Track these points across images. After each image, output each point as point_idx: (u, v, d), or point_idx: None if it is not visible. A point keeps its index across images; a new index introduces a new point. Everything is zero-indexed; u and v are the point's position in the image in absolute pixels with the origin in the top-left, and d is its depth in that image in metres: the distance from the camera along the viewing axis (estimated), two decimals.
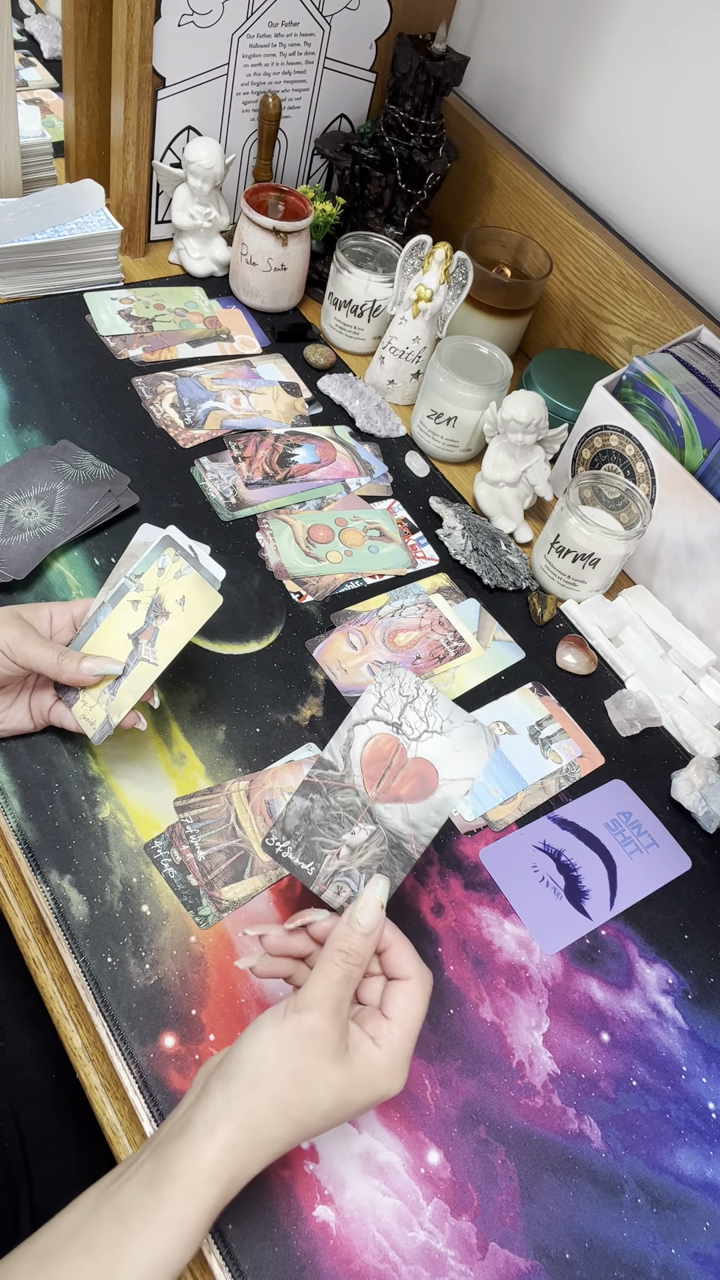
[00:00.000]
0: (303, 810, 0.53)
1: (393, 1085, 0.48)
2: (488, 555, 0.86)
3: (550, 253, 1.02)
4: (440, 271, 0.91)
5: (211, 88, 0.98)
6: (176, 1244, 0.43)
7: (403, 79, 0.96)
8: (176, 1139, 0.45)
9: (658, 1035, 0.63)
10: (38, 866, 0.61)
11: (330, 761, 0.52)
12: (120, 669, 0.61)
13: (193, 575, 0.62)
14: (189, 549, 0.63)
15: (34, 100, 1.24)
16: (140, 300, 1.00)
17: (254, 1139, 0.45)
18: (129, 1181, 0.45)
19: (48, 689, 0.65)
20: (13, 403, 0.86)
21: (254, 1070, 0.46)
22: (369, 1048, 0.48)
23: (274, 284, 1.01)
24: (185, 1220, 0.43)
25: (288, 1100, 0.45)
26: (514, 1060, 0.60)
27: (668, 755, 0.79)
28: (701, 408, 0.82)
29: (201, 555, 0.63)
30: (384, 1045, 0.48)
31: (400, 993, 0.49)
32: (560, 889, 0.68)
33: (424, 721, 0.50)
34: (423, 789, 0.51)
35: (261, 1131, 0.45)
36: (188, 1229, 0.43)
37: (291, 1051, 0.46)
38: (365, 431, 0.95)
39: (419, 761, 0.51)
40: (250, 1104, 0.45)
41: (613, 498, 0.86)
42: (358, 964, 0.48)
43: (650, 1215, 0.56)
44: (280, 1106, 0.45)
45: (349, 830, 0.51)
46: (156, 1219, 0.43)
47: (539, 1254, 0.54)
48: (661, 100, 0.95)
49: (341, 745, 0.51)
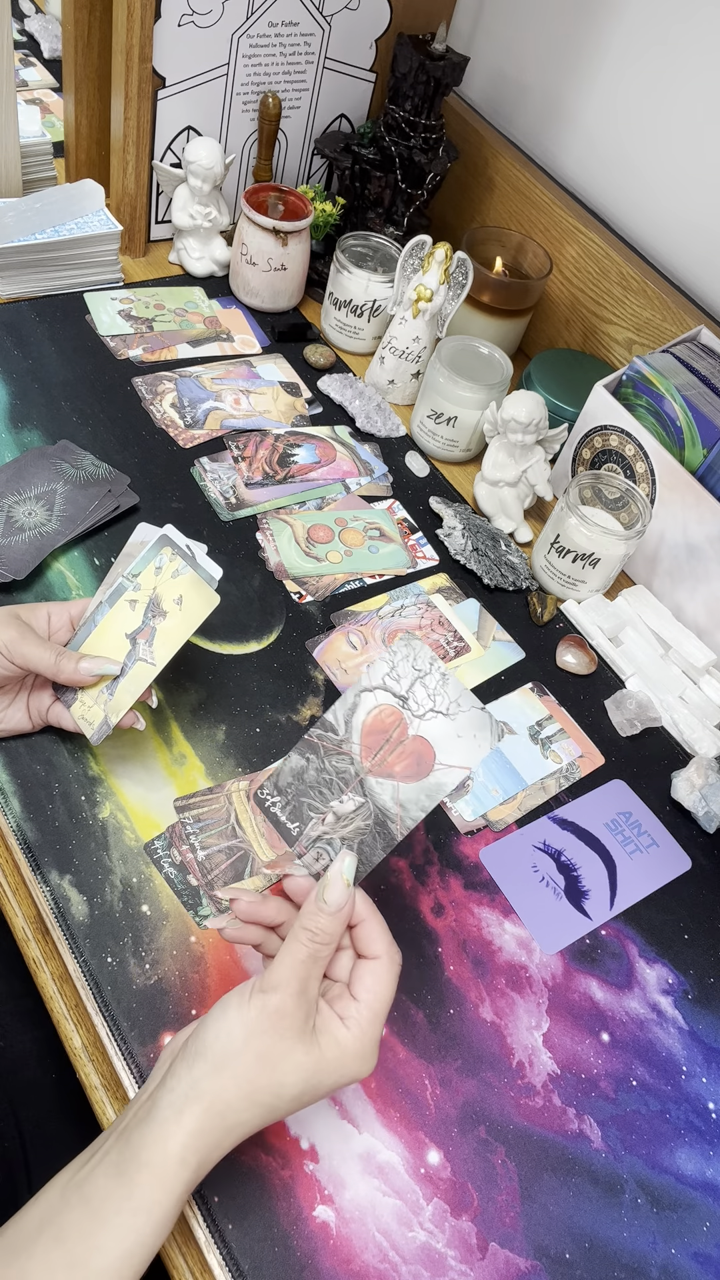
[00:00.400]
0: (298, 768, 0.52)
1: (362, 1068, 0.47)
2: (488, 555, 0.86)
3: (550, 253, 1.02)
4: (440, 271, 0.91)
5: (211, 88, 0.98)
6: (147, 1230, 0.43)
7: (403, 79, 0.96)
8: (143, 1124, 0.44)
9: (658, 1035, 0.63)
10: (38, 866, 0.61)
11: (332, 724, 0.51)
12: (118, 669, 0.61)
13: (190, 574, 0.62)
14: (186, 548, 0.63)
15: (34, 100, 1.24)
16: (140, 300, 1.00)
17: (221, 1123, 0.45)
18: (97, 1169, 0.44)
19: (46, 689, 0.65)
20: (13, 403, 0.86)
21: (220, 1051, 0.45)
22: (337, 1028, 0.47)
23: (274, 284, 1.01)
24: (155, 1206, 0.43)
25: (255, 1084, 0.45)
26: (514, 1060, 0.60)
27: (668, 755, 0.79)
28: (701, 408, 0.82)
29: (199, 554, 0.63)
30: (352, 1027, 0.47)
31: (368, 972, 0.49)
32: (560, 889, 0.68)
33: (431, 700, 0.49)
34: (417, 769, 0.49)
35: (229, 1115, 0.45)
36: (158, 1215, 0.43)
37: (257, 1032, 0.45)
38: (365, 431, 0.95)
39: (418, 740, 0.49)
40: (216, 1086, 0.45)
41: (613, 498, 0.86)
42: (325, 943, 0.48)
43: (650, 1215, 0.56)
44: (247, 1090, 0.45)
45: (338, 797, 0.50)
46: (126, 1207, 0.43)
47: (539, 1254, 0.53)
48: (662, 100, 0.95)
49: (346, 709, 0.50)
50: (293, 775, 0.53)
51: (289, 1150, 0.54)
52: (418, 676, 0.49)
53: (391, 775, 0.50)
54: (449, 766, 0.49)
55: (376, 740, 0.50)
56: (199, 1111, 0.44)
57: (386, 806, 0.50)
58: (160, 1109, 0.45)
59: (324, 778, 0.51)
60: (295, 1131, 0.55)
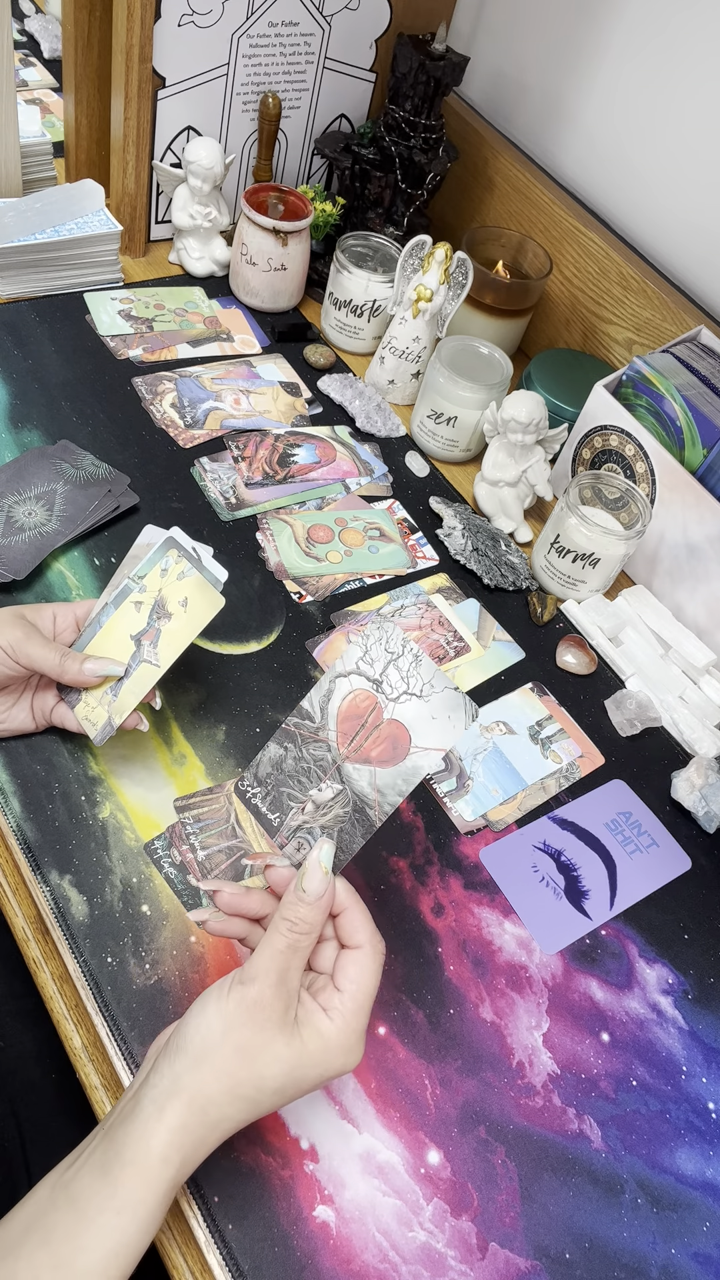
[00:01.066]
0: (276, 758, 0.53)
1: (348, 1061, 0.47)
2: (488, 555, 0.86)
3: (550, 253, 1.02)
4: (440, 271, 0.92)
5: (211, 88, 0.98)
6: (132, 1229, 0.42)
7: (403, 79, 0.96)
8: (127, 1121, 0.44)
9: (658, 1035, 0.63)
10: (38, 866, 0.61)
11: (309, 711, 0.51)
12: (122, 670, 0.61)
13: (195, 577, 0.62)
14: (192, 550, 0.63)
15: (34, 100, 1.24)
16: (140, 300, 1.00)
17: (203, 1118, 0.44)
18: (83, 1169, 0.44)
19: (50, 689, 0.65)
20: (13, 403, 0.86)
21: (199, 1044, 0.45)
22: (320, 1019, 0.46)
23: (274, 284, 1.01)
24: (140, 1205, 0.43)
25: (236, 1077, 0.44)
26: (514, 1060, 0.60)
27: (668, 755, 0.79)
28: (701, 408, 0.82)
29: (204, 557, 0.63)
30: (335, 1018, 0.46)
31: (351, 962, 0.48)
32: (560, 889, 0.68)
33: (405, 682, 0.49)
34: (393, 754, 0.49)
35: (210, 1110, 0.44)
36: (143, 1214, 0.43)
37: (235, 1025, 0.45)
38: (365, 431, 0.95)
39: (394, 724, 0.49)
40: (197, 1081, 0.44)
41: (613, 498, 0.86)
42: (304, 932, 0.47)
43: (650, 1215, 0.56)
44: (229, 1084, 0.44)
45: (316, 785, 0.51)
46: (110, 1206, 0.42)
47: (539, 1254, 0.54)
48: (662, 100, 0.95)
49: (321, 696, 0.51)
50: (271, 765, 0.53)
51: (289, 1150, 0.54)
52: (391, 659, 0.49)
53: (369, 760, 0.50)
54: (425, 749, 0.49)
55: (352, 725, 0.50)
56: (180, 1107, 0.44)
57: (364, 792, 0.50)
58: (143, 1106, 0.44)
59: (302, 766, 0.51)
60: (295, 1131, 0.55)
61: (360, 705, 0.50)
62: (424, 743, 0.49)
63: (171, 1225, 0.52)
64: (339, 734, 0.50)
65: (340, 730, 0.50)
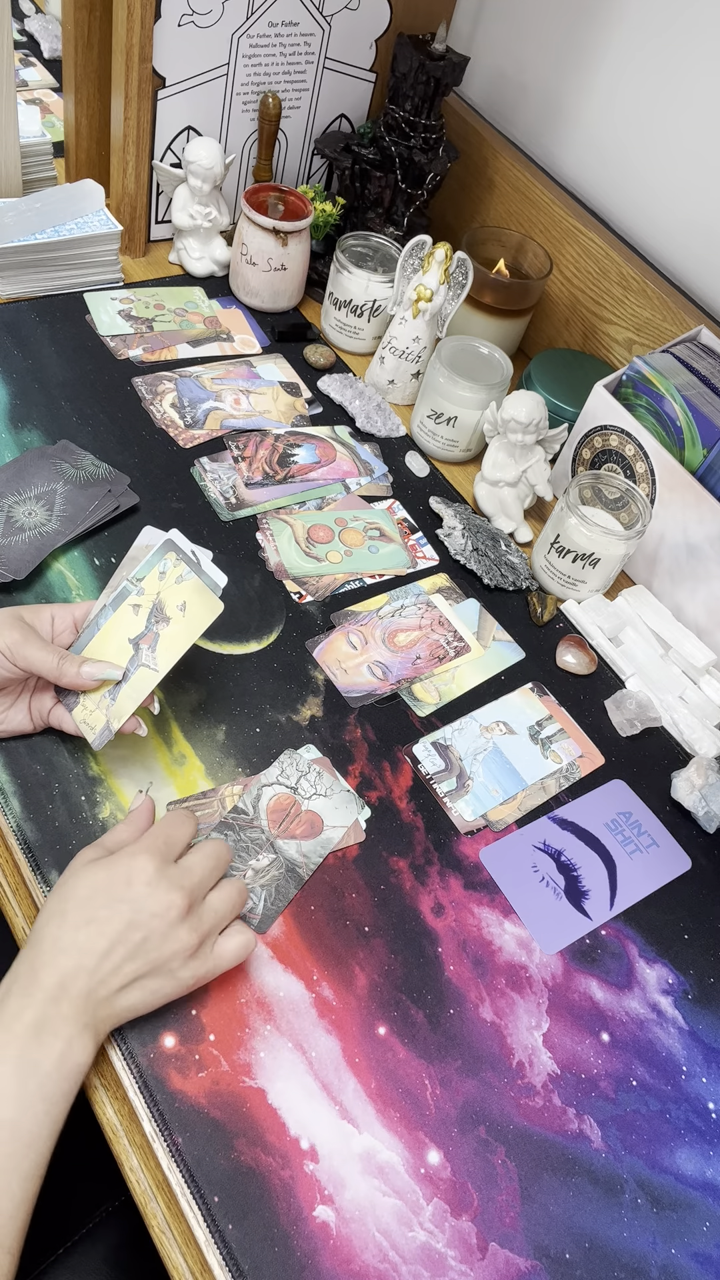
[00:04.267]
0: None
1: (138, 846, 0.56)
2: (488, 555, 0.86)
3: (550, 253, 1.02)
4: (440, 271, 0.92)
5: (211, 88, 0.98)
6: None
7: (403, 79, 0.96)
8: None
9: (658, 1035, 0.63)
10: (38, 866, 0.61)
11: (243, 809, 0.66)
12: (120, 674, 0.61)
13: (194, 580, 0.62)
14: (191, 554, 0.63)
15: (34, 100, 1.24)
16: (140, 300, 1.00)
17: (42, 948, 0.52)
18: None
19: (48, 691, 0.65)
20: (13, 403, 0.86)
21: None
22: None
23: (274, 284, 1.01)
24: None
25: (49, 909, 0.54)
26: (514, 1060, 0.60)
27: (668, 755, 0.79)
28: (701, 408, 0.82)
29: (204, 561, 0.63)
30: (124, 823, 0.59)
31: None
32: (560, 889, 0.68)
33: (313, 788, 0.68)
34: (312, 831, 0.66)
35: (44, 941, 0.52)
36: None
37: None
38: (365, 431, 0.95)
39: (310, 813, 0.67)
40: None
41: (613, 498, 0.86)
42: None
43: (650, 1215, 0.56)
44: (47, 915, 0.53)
45: (255, 857, 0.64)
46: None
47: (539, 1254, 0.54)
48: (662, 100, 0.95)
49: (252, 799, 0.67)
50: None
51: (289, 1150, 0.54)
52: (300, 774, 0.69)
53: (294, 837, 0.66)
54: (334, 826, 0.67)
55: (279, 816, 0.67)
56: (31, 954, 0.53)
57: (294, 858, 0.65)
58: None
59: (241, 845, 0.65)
60: (295, 1131, 0.55)
61: (284, 803, 0.67)
62: (333, 822, 0.67)
63: (171, 1225, 0.52)
64: (270, 822, 0.66)
65: (270, 819, 0.66)
